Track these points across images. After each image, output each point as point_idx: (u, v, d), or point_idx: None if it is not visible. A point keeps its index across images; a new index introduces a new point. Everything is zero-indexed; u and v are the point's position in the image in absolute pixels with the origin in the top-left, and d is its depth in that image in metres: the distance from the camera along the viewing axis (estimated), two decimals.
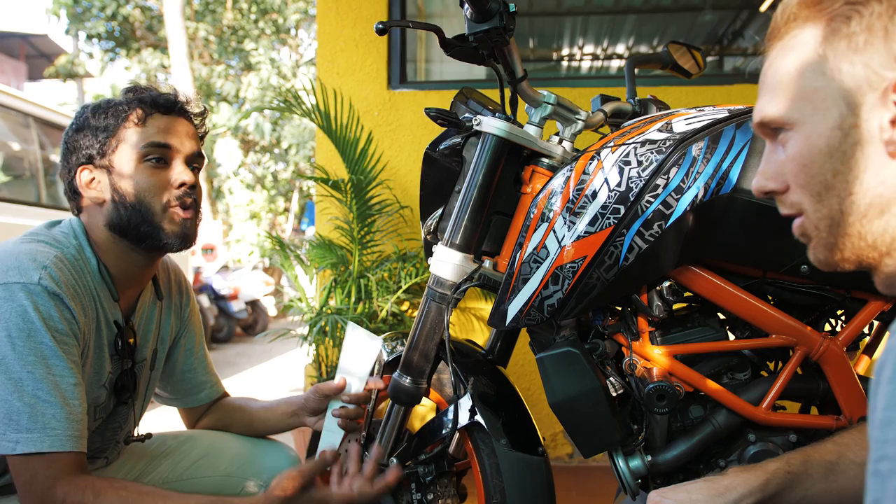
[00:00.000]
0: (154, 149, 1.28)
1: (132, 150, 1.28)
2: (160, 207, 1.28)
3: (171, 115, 1.32)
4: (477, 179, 1.23)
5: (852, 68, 0.68)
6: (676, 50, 1.62)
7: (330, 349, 2.81)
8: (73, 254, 1.24)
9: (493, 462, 1.31)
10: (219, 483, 1.49)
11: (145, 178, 1.28)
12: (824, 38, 0.70)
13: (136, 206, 1.27)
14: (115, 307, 1.31)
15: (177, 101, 1.34)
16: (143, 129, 1.29)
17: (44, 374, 1.11)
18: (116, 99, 1.32)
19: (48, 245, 1.22)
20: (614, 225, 1.10)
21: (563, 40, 5.49)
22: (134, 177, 1.27)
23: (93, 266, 1.28)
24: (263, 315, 9.61)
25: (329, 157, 3.09)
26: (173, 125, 1.32)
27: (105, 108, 1.30)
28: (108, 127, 1.29)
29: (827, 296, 1.14)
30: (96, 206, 1.30)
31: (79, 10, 15.85)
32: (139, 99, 1.31)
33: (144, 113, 1.29)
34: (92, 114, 1.30)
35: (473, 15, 1.14)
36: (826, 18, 0.70)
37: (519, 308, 1.17)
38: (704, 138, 1.11)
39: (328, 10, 3.23)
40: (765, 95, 0.76)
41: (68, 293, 1.17)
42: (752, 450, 1.16)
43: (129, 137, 1.28)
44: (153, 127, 1.29)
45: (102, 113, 1.30)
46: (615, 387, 1.21)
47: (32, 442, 1.09)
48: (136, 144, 1.28)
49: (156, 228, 1.28)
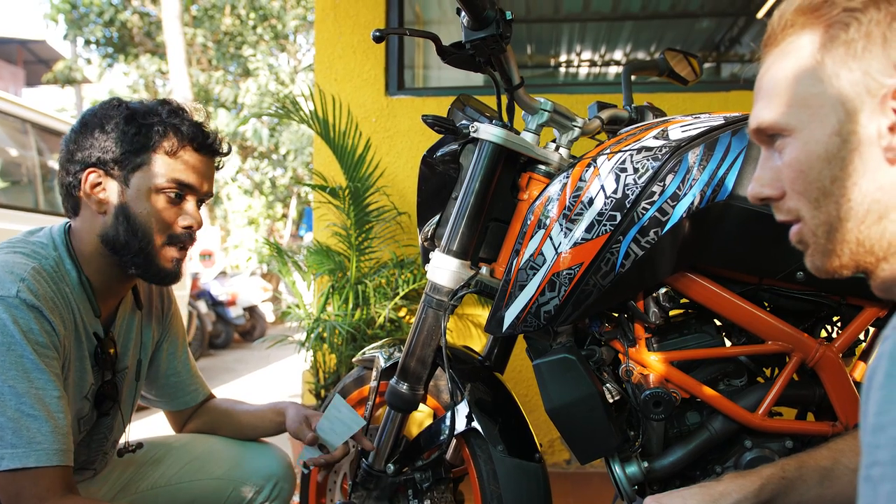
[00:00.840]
0: (174, 185, 1.27)
1: (155, 177, 1.25)
2: (160, 242, 1.27)
3: (202, 153, 1.31)
4: (474, 186, 1.24)
5: (850, 75, 0.68)
6: (673, 57, 1.62)
7: (327, 355, 2.81)
8: (51, 265, 1.22)
9: (489, 468, 1.31)
10: (210, 486, 1.49)
11: (157, 209, 1.26)
12: (822, 44, 0.70)
13: (137, 233, 1.25)
14: (94, 319, 1.29)
15: (209, 141, 1.32)
16: (172, 160, 1.26)
17: (26, 387, 1.09)
18: (153, 110, 1.28)
19: (26, 256, 1.20)
20: (611, 232, 1.10)
21: (560, 47, 5.51)
22: (147, 203, 1.25)
23: (72, 278, 1.25)
24: (261, 321, 9.59)
25: (327, 163, 3.09)
26: (201, 164, 1.31)
27: (140, 120, 1.26)
28: (136, 142, 1.25)
29: (823, 302, 1.15)
30: (94, 213, 1.27)
31: (77, 15, 15.86)
32: (176, 127, 1.27)
33: (179, 145, 1.27)
34: (125, 120, 1.26)
35: (470, 23, 1.15)
36: (824, 25, 0.70)
37: (516, 314, 1.17)
38: (700, 145, 1.11)
39: (326, 17, 3.24)
40: (761, 101, 0.76)
41: (47, 305, 1.15)
42: (749, 456, 1.17)
43: (156, 163, 1.25)
44: (182, 162, 1.27)
45: (136, 125, 1.26)
46: (612, 393, 1.21)
47: (17, 457, 1.07)
48: (161, 174, 1.25)
49: (149, 261, 1.27)
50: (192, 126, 1.30)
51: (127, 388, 1.42)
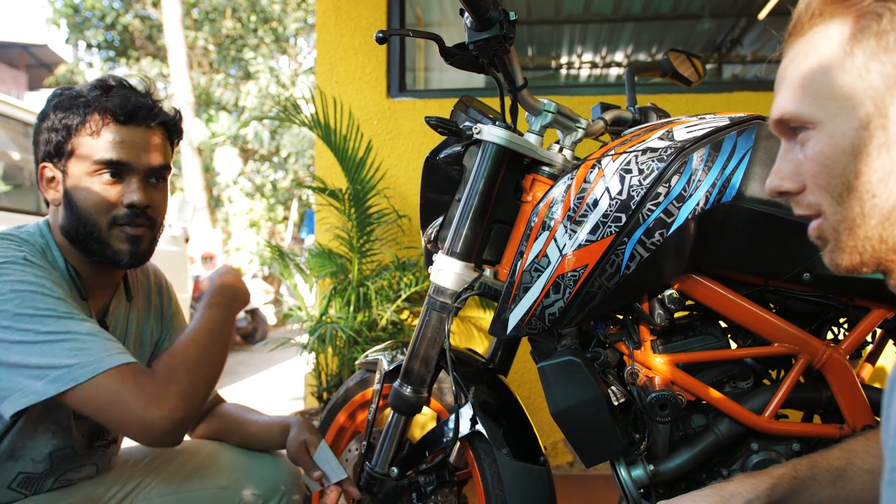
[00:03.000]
0: (103, 166, 1.21)
1: (83, 161, 1.21)
2: (106, 225, 1.23)
3: (131, 126, 1.23)
4: (477, 188, 1.23)
5: (882, 67, 0.65)
6: (676, 57, 1.62)
7: (329, 358, 2.81)
8: (39, 251, 1.22)
9: (494, 471, 1.30)
10: (215, 495, 1.47)
11: (94, 193, 1.21)
12: (852, 35, 0.67)
13: (82, 220, 1.22)
14: (85, 307, 1.27)
15: (136, 110, 1.23)
16: (96, 140, 1.20)
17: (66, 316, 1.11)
18: (80, 92, 1.23)
19: (15, 244, 1.19)
20: (616, 233, 1.09)
21: (561, 48, 5.51)
22: (84, 189, 1.21)
23: (60, 265, 1.24)
24: (263, 323, 9.59)
25: (328, 165, 3.08)
26: (131, 137, 1.22)
27: (67, 103, 1.22)
28: (65, 127, 1.21)
29: (829, 304, 1.14)
30: (55, 207, 1.26)
31: (79, 19, 15.91)
32: (99, 104, 1.21)
33: (101, 121, 1.20)
34: (55, 107, 1.22)
35: (474, 24, 1.14)
36: (855, 15, 0.67)
37: (520, 317, 1.17)
38: (706, 146, 1.11)
39: (327, 19, 3.24)
40: (784, 92, 0.73)
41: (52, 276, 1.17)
42: (755, 459, 1.16)
43: (83, 146, 1.21)
44: (107, 140, 1.20)
45: (64, 109, 1.21)
46: (617, 396, 1.20)
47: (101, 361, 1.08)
48: (88, 157, 1.20)
49: (103, 245, 1.24)
50: (117, 98, 1.22)
51: None
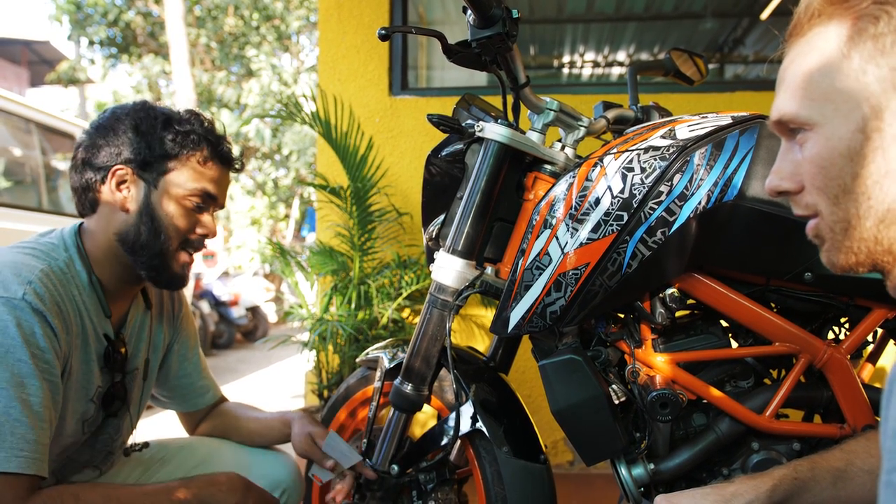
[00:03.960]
0: (204, 197, 1.32)
1: (185, 184, 1.30)
2: (176, 246, 1.31)
3: (224, 168, 1.37)
4: (479, 186, 1.23)
5: (878, 71, 0.65)
6: (679, 57, 1.62)
7: (330, 356, 2.81)
8: (61, 267, 1.22)
9: (494, 470, 1.31)
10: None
11: (181, 214, 1.30)
12: (849, 37, 0.67)
13: (160, 234, 1.28)
14: (104, 320, 1.29)
15: (230, 156, 1.38)
16: (203, 170, 1.32)
17: (17, 393, 1.07)
18: (188, 119, 1.33)
19: (35, 258, 1.20)
20: (617, 232, 1.09)
21: (563, 47, 5.50)
22: (173, 207, 1.30)
23: (83, 279, 1.25)
24: (264, 321, 9.60)
25: (330, 163, 3.08)
26: (224, 178, 1.37)
27: (177, 126, 1.30)
28: (171, 148, 1.29)
29: (830, 303, 1.14)
30: (115, 210, 1.28)
31: (81, 16, 15.89)
32: (208, 139, 1.33)
33: (210, 157, 1.33)
34: (163, 124, 1.30)
35: (477, 21, 1.14)
36: (853, 17, 0.67)
37: (521, 315, 1.17)
38: (708, 145, 1.10)
39: (330, 17, 3.24)
40: (784, 93, 0.74)
41: (52, 310, 1.14)
42: (756, 458, 1.16)
43: (188, 171, 1.30)
44: (211, 175, 1.33)
45: (173, 131, 1.29)
46: (618, 394, 1.20)
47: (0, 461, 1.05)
48: (192, 182, 1.30)
49: (163, 263, 1.30)
50: (219, 139, 1.36)
51: (136, 388, 1.42)
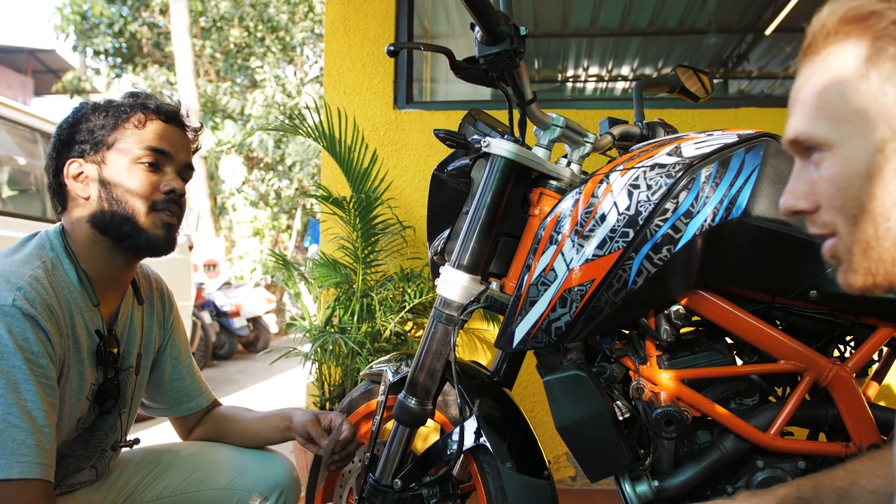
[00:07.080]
0: (150, 152, 1.31)
1: (128, 150, 1.31)
2: (145, 209, 1.30)
3: (171, 125, 1.37)
4: (485, 201, 1.23)
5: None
6: (684, 73, 1.63)
7: (332, 368, 2.80)
8: (48, 268, 1.23)
9: (498, 485, 1.30)
10: (215, 497, 1.48)
11: (136, 178, 1.30)
12: (868, 57, 0.66)
13: (121, 205, 1.29)
14: (95, 315, 1.29)
15: (174, 112, 1.38)
16: (141, 131, 1.32)
17: (14, 398, 1.08)
18: (118, 100, 1.35)
19: (24, 263, 1.20)
20: (623, 248, 1.10)
21: (567, 62, 5.53)
22: (125, 176, 1.30)
23: (71, 277, 1.26)
24: (265, 332, 9.59)
25: (334, 175, 3.09)
26: (171, 133, 1.36)
27: (106, 107, 1.34)
28: (106, 125, 1.31)
29: (836, 321, 1.14)
30: (81, 202, 1.30)
31: (87, 26, 15.99)
32: (142, 104, 1.34)
33: (146, 117, 1.33)
34: (92, 110, 1.33)
35: (484, 38, 1.15)
36: (871, 37, 0.66)
37: (526, 330, 1.17)
38: (714, 163, 1.11)
39: (336, 30, 3.26)
40: (798, 113, 0.72)
41: (44, 314, 1.14)
42: (760, 476, 1.15)
43: (127, 138, 1.31)
44: (152, 132, 1.33)
45: (103, 111, 1.33)
46: (622, 411, 1.20)
47: (1, 468, 1.05)
48: (134, 145, 1.31)
49: (137, 229, 1.30)
50: (158, 102, 1.37)
51: (129, 385, 1.42)
